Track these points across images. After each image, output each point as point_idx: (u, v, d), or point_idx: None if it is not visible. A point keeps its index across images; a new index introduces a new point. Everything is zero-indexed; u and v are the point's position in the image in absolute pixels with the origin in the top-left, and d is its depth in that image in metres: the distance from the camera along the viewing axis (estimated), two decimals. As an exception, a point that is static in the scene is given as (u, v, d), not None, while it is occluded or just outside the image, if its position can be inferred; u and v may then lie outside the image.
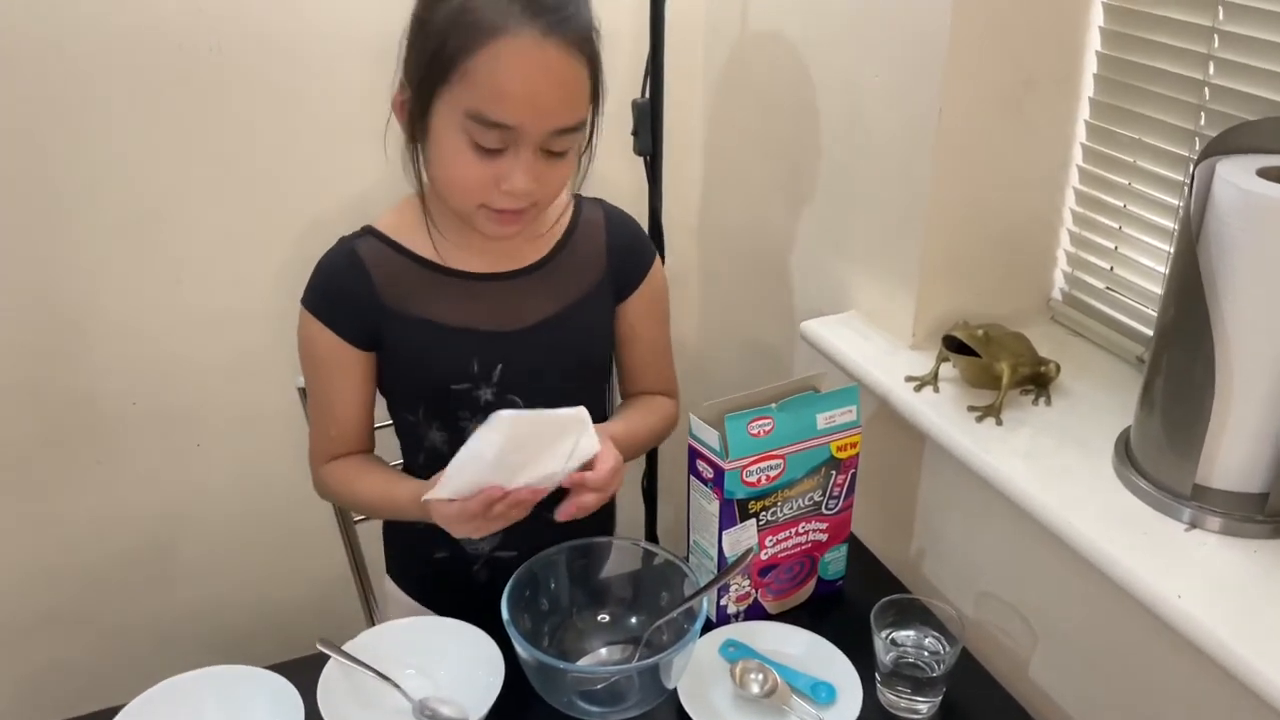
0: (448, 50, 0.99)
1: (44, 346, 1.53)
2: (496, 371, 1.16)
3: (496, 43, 0.98)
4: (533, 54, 0.99)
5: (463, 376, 1.16)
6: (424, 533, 1.23)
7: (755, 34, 1.60)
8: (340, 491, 1.22)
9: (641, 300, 1.25)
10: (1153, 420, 1.08)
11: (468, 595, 1.22)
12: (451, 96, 1.01)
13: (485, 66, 0.99)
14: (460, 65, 0.99)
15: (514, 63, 0.99)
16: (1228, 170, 0.97)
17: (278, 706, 1.05)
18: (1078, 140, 1.33)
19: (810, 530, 1.23)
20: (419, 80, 1.03)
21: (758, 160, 1.67)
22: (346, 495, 1.23)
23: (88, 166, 1.46)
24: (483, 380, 1.16)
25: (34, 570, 1.65)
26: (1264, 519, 1.03)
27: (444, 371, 1.15)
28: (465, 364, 1.15)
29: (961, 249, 1.35)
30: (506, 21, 0.98)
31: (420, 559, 1.28)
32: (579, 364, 1.23)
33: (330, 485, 1.21)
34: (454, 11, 0.99)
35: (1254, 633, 0.92)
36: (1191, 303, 0.99)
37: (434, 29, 1.00)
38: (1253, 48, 1.09)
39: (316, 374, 1.18)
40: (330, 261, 1.15)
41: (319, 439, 1.22)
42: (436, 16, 1.01)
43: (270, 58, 1.49)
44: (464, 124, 1.01)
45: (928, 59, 1.24)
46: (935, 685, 1.11)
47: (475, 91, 1.00)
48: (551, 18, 0.99)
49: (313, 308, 1.14)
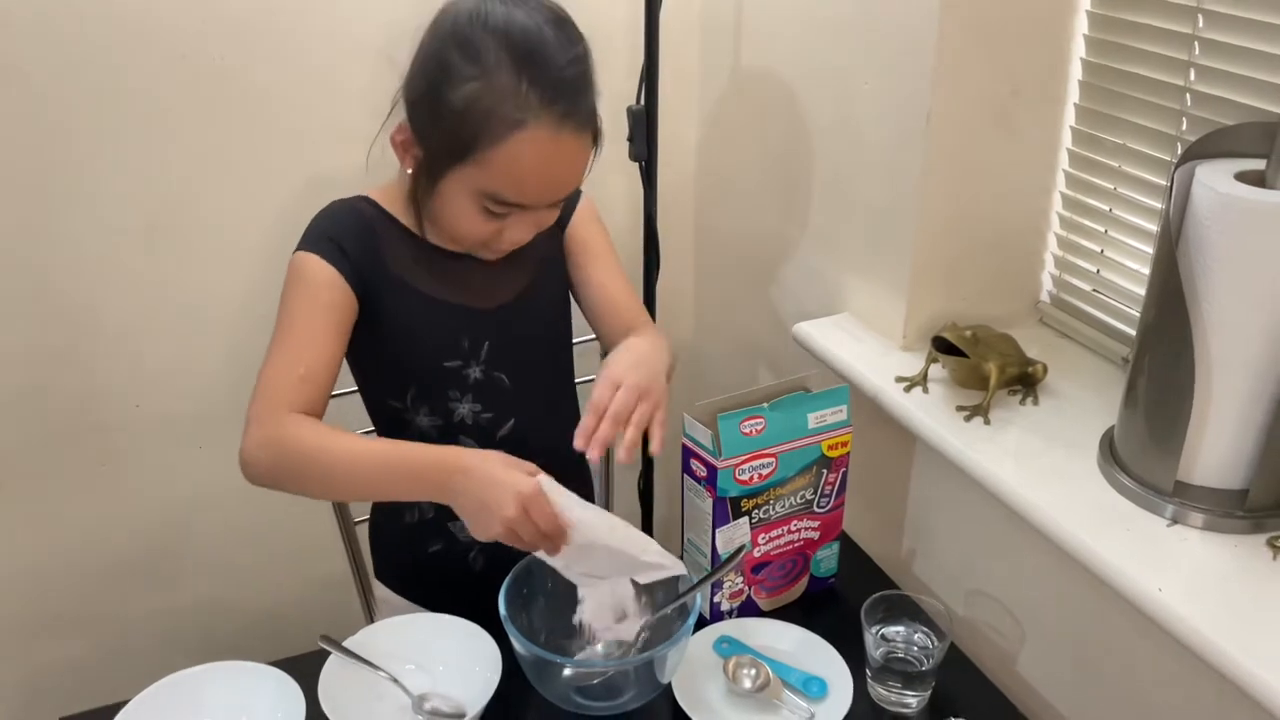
0: (465, 135, 1.01)
1: (47, 349, 1.55)
2: (484, 349, 1.18)
3: (516, 135, 1.00)
4: (549, 144, 1.02)
5: (454, 353, 1.18)
6: (415, 528, 1.25)
7: (749, 42, 1.62)
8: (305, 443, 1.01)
9: (580, 216, 1.26)
10: (1136, 419, 1.10)
11: (461, 587, 1.23)
12: (465, 175, 1.04)
13: (504, 157, 1.01)
14: (478, 152, 1.02)
15: (532, 154, 1.02)
16: (1206, 174, 0.99)
17: (279, 702, 1.07)
18: (1064, 146, 1.35)
19: (802, 528, 1.25)
20: (432, 150, 1.05)
21: (751, 166, 1.69)
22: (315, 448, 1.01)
23: (93, 171, 1.48)
24: (472, 358, 1.18)
25: (38, 570, 1.66)
26: (1244, 515, 1.05)
27: (436, 347, 1.17)
28: (456, 340, 1.17)
29: (951, 252, 1.37)
30: (525, 115, 1.00)
31: (411, 555, 1.28)
32: (558, 333, 1.27)
33: (292, 434, 1.02)
34: (473, 97, 1.00)
35: (1234, 626, 0.94)
36: (1172, 304, 1.01)
37: (451, 109, 1.01)
38: (1232, 55, 1.11)
39: (301, 306, 1.09)
40: (332, 210, 1.15)
41: (278, 382, 1.05)
42: (454, 96, 1.01)
43: (275, 65, 1.51)
44: (476, 196, 1.05)
45: (916, 67, 1.27)
46: (924, 679, 1.13)
47: (492, 177, 1.03)
48: (566, 106, 1.01)
49: (312, 247, 1.10)
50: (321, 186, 1.39)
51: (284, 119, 1.55)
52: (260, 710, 1.08)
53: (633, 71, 1.56)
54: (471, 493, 0.97)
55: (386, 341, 1.16)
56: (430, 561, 1.27)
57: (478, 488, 0.97)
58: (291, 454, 1.02)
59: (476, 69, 1.00)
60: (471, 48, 1.00)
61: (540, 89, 1.00)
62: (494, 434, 1.22)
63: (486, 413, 1.20)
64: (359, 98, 1.54)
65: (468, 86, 1.00)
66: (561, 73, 1.01)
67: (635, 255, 1.67)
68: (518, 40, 1.00)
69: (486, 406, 1.20)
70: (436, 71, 1.02)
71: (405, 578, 1.33)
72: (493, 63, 1.00)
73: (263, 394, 1.06)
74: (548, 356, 1.27)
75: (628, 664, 1.11)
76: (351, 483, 1.05)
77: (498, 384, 1.20)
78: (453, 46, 1.01)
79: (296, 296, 1.11)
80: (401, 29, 1.05)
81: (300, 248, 1.12)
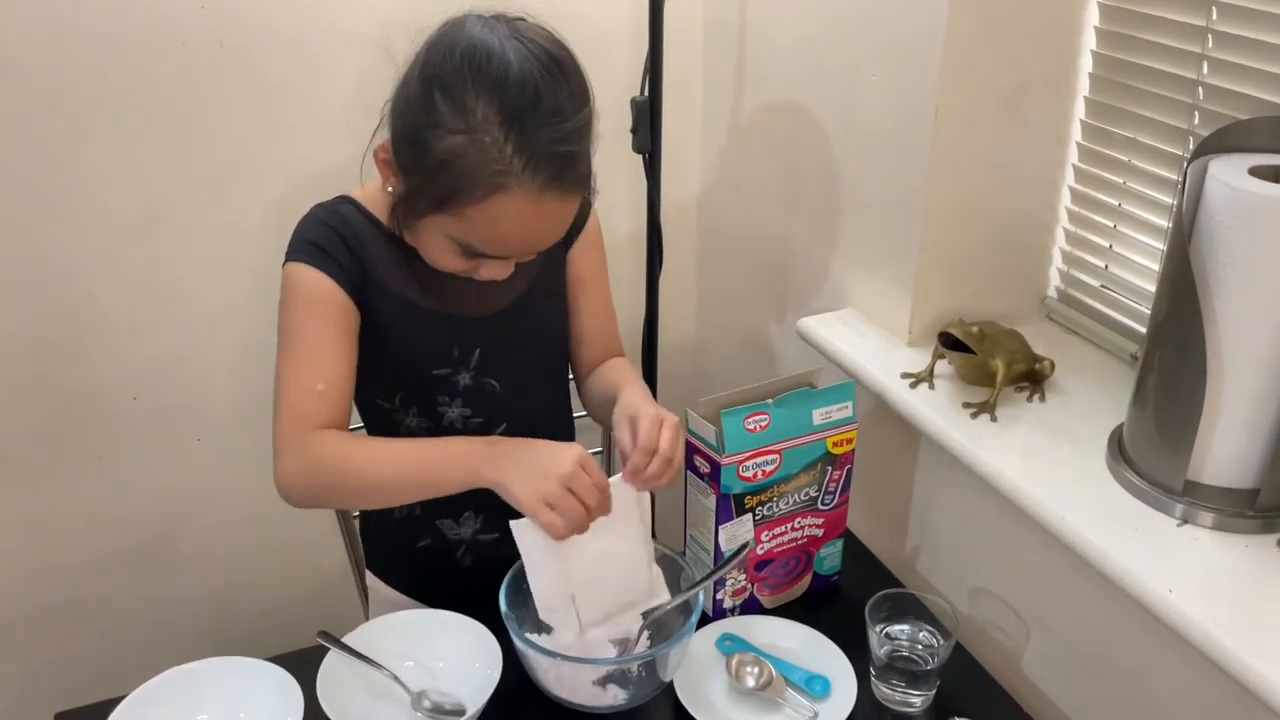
0: (445, 186, 0.97)
1: (46, 341, 1.54)
2: (475, 356, 1.17)
3: (496, 197, 0.96)
4: (530, 208, 0.98)
5: (443, 361, 1.16)
6: (404, 523, 1.24)
7: (754, 32, 1.61)
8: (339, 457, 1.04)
9: (587, 241, 1.24)
10: (1145, 416, 1.09)
11: (453, 582, 1.23)
12: (443, 221, 1.00)
13: (482, 215, 0.98)
14: (456, 206, 0.98)
15: (512, 216, 0.98)
16: (1220, 169, 0.98)
17: (278, 698, 1.06)
18: (1073, 139, 1.34)
19: (806, 525, 1.24)
20: (411, 190, 1.01)
21: (756, 158, 1.68)
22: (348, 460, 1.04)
23: (90, 163, 1.47)
24: (461, 365, 1.17)
25: (36, 563, 1.65)
26: (1255, 514, 1.04)
27: (425, 356, 1.15)
28: (446, 349, 1.15)
29: (957, 247, 1.36)
30: (507, 180, 0.95)
31: (402, 550, 1.27)
32: (551, 340, 1.24)
33: (325, 452, 1.03)
34: (456, 152, 0.95)
35: (1244, 628, 0.93)
36: (1184, 301, 1.00)
37: (433, 157, 0.96)
38: (1246, 47, 1.10)
39: (307, 321, 1.08)
40: (316, 216, 1.11)
41: (299, 401, 1.06)
42: (438, 145, 0.96)
43: (274, 55, 1.50)
44: (452, 241, 1.02)
45: (924, 59, 1.25)
46: (929, 679, 1.12)
47: (469, 230, 1.00)
48: (552, 172, 0.96)
49: (304, 258, 1.08)
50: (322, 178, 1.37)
51: (285, 109, 1.54)
52: (258, 707, 1.07)
53: (636, 63, 1.55)
54: (521, 458, 0.99)
55: (375, 348, 1.13)
56: (419, 556, 1.26)
57: (527, 452, 1.00)
58: (327, 473, 1.04)
59: (463, 122, 0.95)
60: (459, 98, 0.95)
61: (525, 156, 0.95)
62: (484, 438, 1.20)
63: (476, 417, 1.19)
64: (360, 89, 1.53)
65: (451, 139, 0.95)
66: (552, 145, 0.96)
67: (638, 249, 1.66)
68: (510, 97, 0.94)
69: (476, 411, 1.19)
70: (421, 114, 0.97)
71: (395, 570, 1.32)
72: (479, 119, 0.94)
73: (286, 417, 1.05)
74: (541, 361, 1.25)
75: (630, 661, 1.10)
76: (392, 487, 1.07)
77: (488, 389, 1.18)
78: (441, 91, 0.96)
79: (298, 310, 1.08)
80: (399, 20, 1.02)
81: (290, 258, 1.09)
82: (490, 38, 0.96)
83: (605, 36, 1.06)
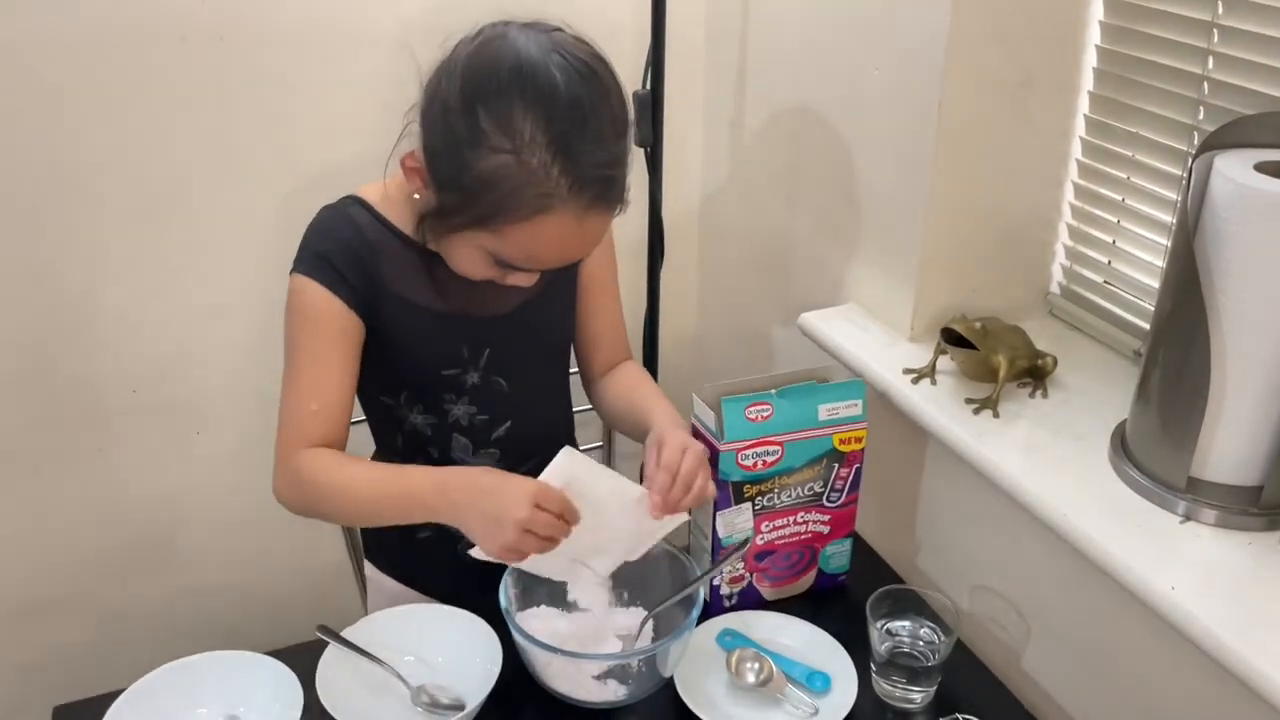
0: (486, 205, 0.96)
1: (45, 334, 1.53)
2: (484, 356, 1.16)
3: (539, 218, 0.96)
4: (573, 228, 0.98)
5: (454, 362, 1.15)
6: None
7: (756, 26, 1.60)
8: (319, 479, 1.06)
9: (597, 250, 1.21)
10: (1149, 413, 1.09)
11: (451, 573, 1.22)
12: (479, 235, 1.00)
13: (523, 234, 0.97)
14: (497, 225, 0.97)
15: (553, 235, 0.98)
16: (1225, 165, 0.97)
17: (277, 692, 1.06)
18: (1077, 135, 1.33)
19: (810, 521, 1.23)
20: (448, 204, 1.00)
21: (758, 152, 1.67)
22: (327, 484, 1.06)
23: (90, 156, 1.46)
24: (471, 365, 1.16)
25: (34, 556, 1.65)
26: (1258, 512, 1.03)
27: (435, 358, 1.15)
28: (457, 349, 1.15)
29: (960, 242, 1.35)
30: (552, 201, 0.95)
31: (401, 539, 1.26)
32: (558, 339, 1.24)
33: (308, 470, 1.06)
34: (501, 172, 0.94)
35: (1247, 626, 0.93)
36: (1188, 297, 0.99)
37: (475, 175, 0.95)
38: (1252, 43, 1.09)
39: (310, 340, 1.08)
40: (325, 224, 1.10)
41: (295, 418, 1.08)
42: (481, 164, 0.94)
43: (274, 47, 1.49)
44: (487, 254, 1.01)
45: (928, 53, 1.25)
46: (930, 675, 1.12)
47: (507, 247, 0.99)
48: (597, 191, 0.96)
49: (312, 272, 1.07)
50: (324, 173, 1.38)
51: (286, 104, 1.53)
52: (257, 701, 1.07)
53: (638, 56, 1.54)
54: (475, 506, 0.99)
55: (384, 350, 1.12)
56: (419, 546, 1.26)
57: (480, 501, 0.99)
58: (309, 490, 1.07)
59: (509, 142, 0.93)
60: (505, 117, 0.93)
61: (572, 178, 0.94)
62: (489, 434, 1.20)
63: (482, 415, 1.18)
64: (366, 84, 1.54)
65: (497, 158, 0.94)
66: (598, 168, 0.96)
67: (639, 243, 1.66)
68: (559, 118, 0.93)
69: (482, 409, 1.18)
70: (464, 131, 0.95)
71: (394, 559, 1.32)
72: (527, 139, 0.93)
73: (282, 431, 1.09)
74: (548, 360, 1.25)
75: (630, 656, 1.10)
76: (367, 512, 1.12)
77: (495, 388, 1.18)
78: (485, 108, 0.94)
79: (301, 328, 1.09)
80: (407, 18, 1.01)
81: (296, 269, 1.08)
82: (536, 54, 0.95)
83: (608, 29, 1.05)
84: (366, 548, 1.36)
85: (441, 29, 1.01)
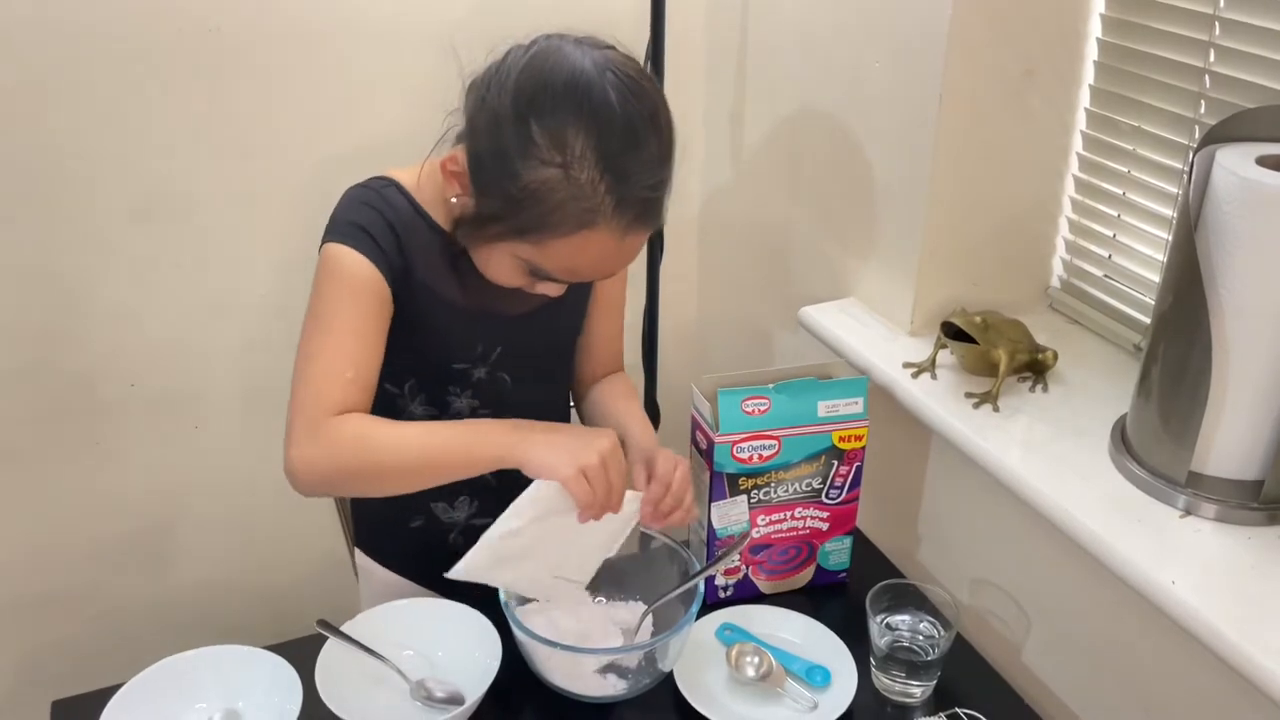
0: (529, 216, 0.96)
1: (43, 328, 1.53)
2: (496, 352, 1.16)
3: (583, 234, 0.96)
4: (613, 245, 0.98)
5: (465, 356, 1.15)
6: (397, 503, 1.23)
7: (757, 20, 1.60)
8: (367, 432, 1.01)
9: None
10: (1149, 407, 1.08)
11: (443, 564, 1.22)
12: (519, 245, 1.00)
13: (564, 248, 0.97)
14: (539, 236, 0.97)
15: (595, 251, 0.98)
16: (1227, 158, 0.97)
17: (276, 687, 1.06)
18: (1078, 128, 1.33)
19: (808, 517, 1.23)
20: (488, 211, 0.99)
21: (758, 146, 1.67)
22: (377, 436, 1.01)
23: (88, 149, 1.45)
24: (481, 360, 1.16)
25: (32, 550, 1.65)
26: (1258, 506, 1.03)
27: (450, 351, 1.15)
28: (471, 345, 1.15)
29: (961, 236, 1.35)
30: (596, 219, 0.95)
31: (394, 529, 1.27)
32: (566, 344, 1.25)
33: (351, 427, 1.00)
34: (548, 186, 0.94)
35: (1247, 620, 0.92)
36: (1189, 290, 0.99)
37: (521, 185, 0.95)
38: (1253, 35, 1.09)
39: (349, 308, 1.04)
40: (359, 198, 1.08)
41: (326, 385, 1.02)
42: (528, 175, 0.94)
43: (271, 39, 1.48)
44: (522, 263, 1.01)
45: (929, 47, 1.24)
46: (930, 669, 1.12)
47: (546, 258, 0.99)
48: (640, 211, 0.97)
49: (350, 241, 1.04)
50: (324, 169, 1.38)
51: (284, 95, 1.52)
52: (257, 695, 1.06)
53: (638, 49, 1.53)
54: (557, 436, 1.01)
55: (398, 337, 1.10)
56: (411, 536, 1.26)
57: (564, 430, 1.03)
58: (350, 456, 1.00)
59: (560, 156, 0.93)
60: (558, 132, 0.93)
61: (618, 197, 0.95)
62: None
63: (484, 409, 1.18)
64: (366, 80, 1.53)
65: (545, 171, 0.94)
66: (646, 191, 0.96)
67: (639, 236, 1.65)
68: (613, 138, 0.94)
69: (485, 403, 1.18)
70: (515, 141, 0.94)
71: (386, 549, 1.32)
72: (578, 154, 0.93)
73: (307, 400, 1.01)
74: (553, 362, 1.25)
75: (630, 651, 1.10)
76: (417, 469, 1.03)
77: (500, 383, 1.18)
78: (538, 121, 0.93)
79: (337, 293, 1.04)
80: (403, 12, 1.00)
81: (332, 239, 1.05)
82: (592, 70, 0.94)
83: (608, 22, 1.04)
84: (359, 537, 1.36)
85: (441, 25, 1.01)
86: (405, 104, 1.09)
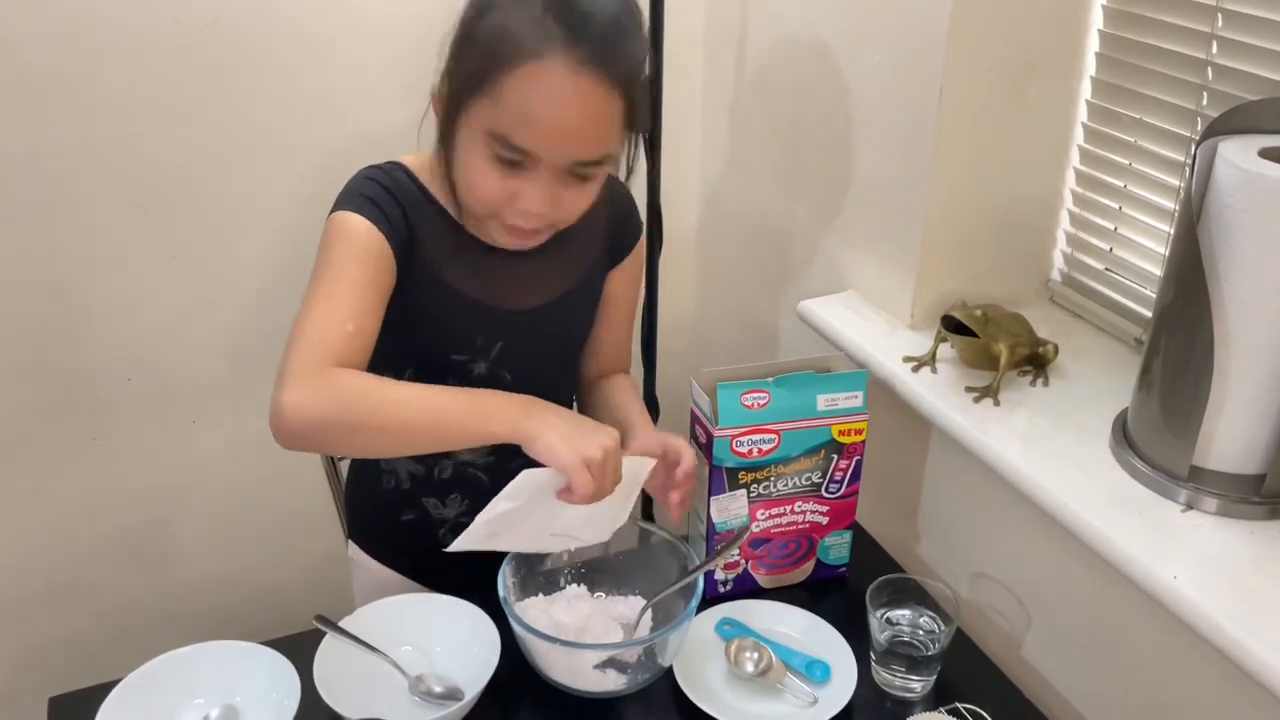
0: (484, 63, 0.98)
1: (40, 322, 1.52)
2: (497, 348, 1.16)
3: (530, 65, 0.96)
4: (563, 82, 0.96)
5: (465, 349, 1.15)
6: (390, 495, 1.24)
7: (756, 12, 1.59)
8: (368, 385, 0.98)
9: (631, 266, 1.26)
10: (1150, 401, 1.08)
11: (430, 560, 1.21)
12: (480, 111, 1.00)
13: (515, 87, 0.97)
14: (492, 81, 0.97)
15: (543, 89, 0.97)
16: (1229, 150, 0.96)
17: (274, 682, 1.06)
18: (1079, 120, 1.32)
19: (808, 511, 1.23)
20: (453, 88, 1.02)
21: (757, 139, 1.66)
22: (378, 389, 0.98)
23: (84, 143, 1.45)
24: (481, 355, 1.16)
25: (30, 546, 1.64)
26: (1260, 500, 1.03)
27: (450, 340, 1.14)
28: (471, 337, 1.15)
29: (961, 229, 1.34)
30: (543, 46, 0.95)
31: (385, 521, 1.27)
32: (571, 344, 1.25)
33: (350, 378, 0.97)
34: (497, 27, 0.98)
35: (1249, 615, 0.92)
36: (1191, 284, 0.99)
37: (476, 40, 0.99)
38: (1256, 27, 1.08)
39: (354, 266, 1.03)
40: (369, 176, 1.09)
41: (326, 336, 0.99)
42: (481, 28, 0.99)
43: (268, 33, 1.48)
44: (488, 140, 1.00)
45: (929, 39, 1.23)
46: (930, 664, 1.11)
47: (501, 112, 0.98)
48: (592, 48, 0.96)
49: (358, 209, 1.05)
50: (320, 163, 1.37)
51: (281, 89, 1.52)
52: (255, 691, 1.06)
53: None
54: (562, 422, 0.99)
55: (399, 323, 1.10)
56: (402, 530, 1.26)
57: (571, 416, 1.01)
58: (347, 405, 0.96)
59: (511, 4, 0.97)
60: None
61: (565, 24, 0.95)
62: None
63: None
64: (364, 70, 1.53)
65: (495, 15, 0.98)
66: (593, 19, 0.96)
67: (638, 230, 1.65)
68: None
69: None
70: (471, 11, 1.00)
71: (377, 542, 1.32)
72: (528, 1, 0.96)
73: (305, 347, 0.97)
74: (556, 362, 1.25)
75: (629, 646, 1.10)
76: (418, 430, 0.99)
77: (500, 381, 1.17)
78: None
79: (343, 253, 1.03)
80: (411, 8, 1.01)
81: (341, 208, 1.06)
82: None
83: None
84: (351, 527, 1.36)
85: (439, 20, 1.01)
86: (403, 98, 1.09)
